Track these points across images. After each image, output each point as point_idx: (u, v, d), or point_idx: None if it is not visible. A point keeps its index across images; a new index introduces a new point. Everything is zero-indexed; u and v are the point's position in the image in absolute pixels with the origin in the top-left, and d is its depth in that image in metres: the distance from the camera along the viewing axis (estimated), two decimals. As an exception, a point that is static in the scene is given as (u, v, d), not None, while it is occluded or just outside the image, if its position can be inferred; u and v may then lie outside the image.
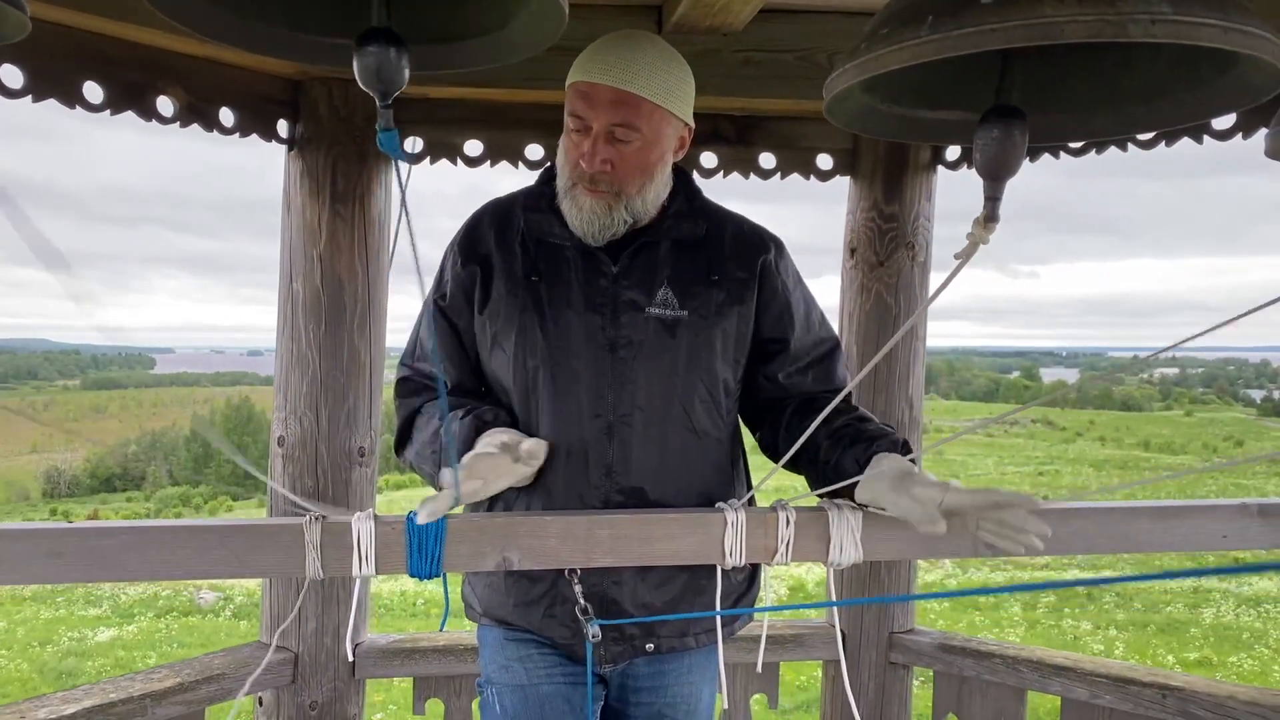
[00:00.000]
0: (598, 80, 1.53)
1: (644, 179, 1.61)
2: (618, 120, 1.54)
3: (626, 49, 1.55)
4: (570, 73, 1.59)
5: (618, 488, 1.63)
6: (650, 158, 1.59)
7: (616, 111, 1.54)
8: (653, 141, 1.58)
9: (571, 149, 1.60)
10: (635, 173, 1.59)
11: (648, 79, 1.54)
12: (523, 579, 1.70)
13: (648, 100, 1.54)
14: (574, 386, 1.63)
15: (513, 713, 1.71)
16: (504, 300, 1.66)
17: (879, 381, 2.46)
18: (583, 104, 1.55)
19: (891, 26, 0.81)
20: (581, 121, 1.56)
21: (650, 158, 1.59)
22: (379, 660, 2.38)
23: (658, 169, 1.62)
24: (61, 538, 1.40)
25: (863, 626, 2.47)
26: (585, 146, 1.57)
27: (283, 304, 2.37)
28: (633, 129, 1.55)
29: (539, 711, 1.70)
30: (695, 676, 1.81)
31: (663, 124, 1.59)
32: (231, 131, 2.23)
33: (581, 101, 1.55)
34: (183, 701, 2.09)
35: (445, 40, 1.05)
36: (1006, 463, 60.84)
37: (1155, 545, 1.75)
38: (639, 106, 1.54)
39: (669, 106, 1.58)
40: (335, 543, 1.41)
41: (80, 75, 1.95)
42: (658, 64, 1.56)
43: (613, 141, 1.56)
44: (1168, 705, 2.05)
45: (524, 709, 1.71)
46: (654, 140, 1.59)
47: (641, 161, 1.59)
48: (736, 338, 1.71)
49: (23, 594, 20.16)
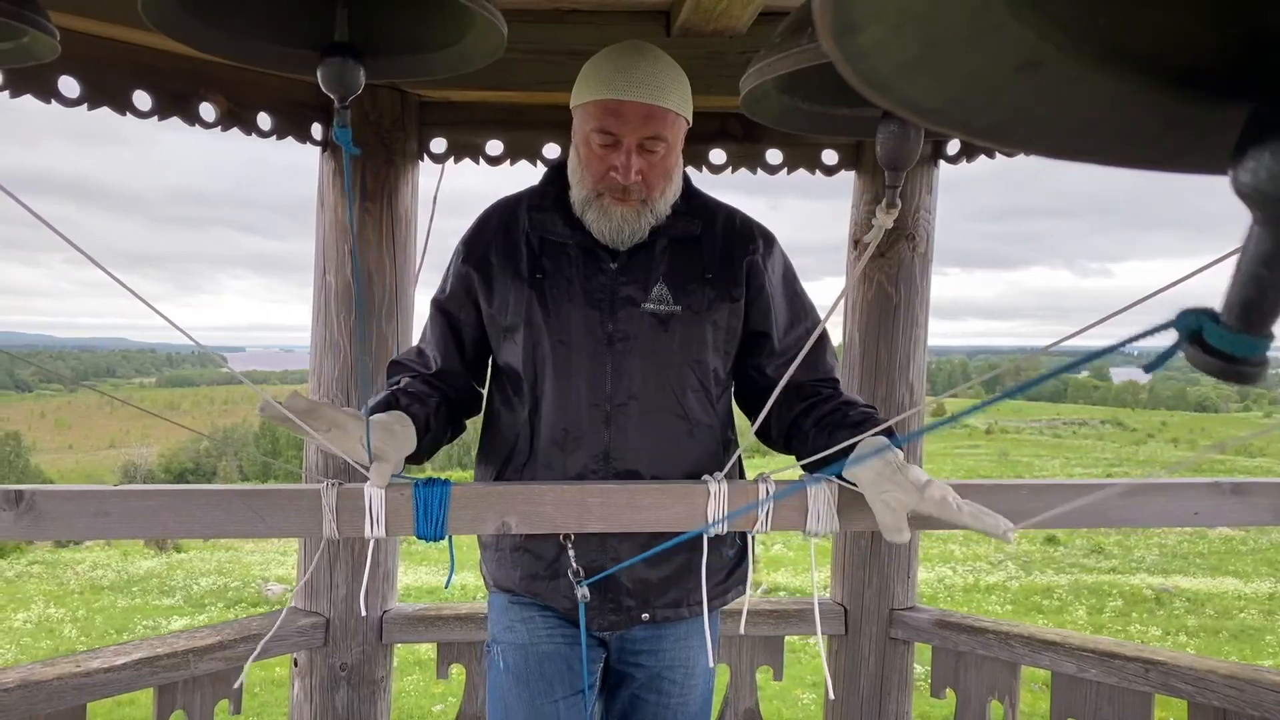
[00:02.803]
0: (628, 97, 1.64)
1: (666, 183, 1.74)
2: (649, 134, 1.66)
3: (645, 64, 1.66)
4: (586, 89, 1.69)
5: (614, 471, 1.76)
6: (671, 163, 1.73)
7: (648, 125, 1.66)
8: (674, 147, 1.72)
9: (596, 162, 1.70)
10: (661, 179, 1.73)
11: (669, 91, 1.67)
12: (528, 554, 1.84)
13: (672, 111, 1.67)
14: (575, 377, 1.76)
15: (514, 669, 1.86)
16: (511, 295, 1.79)
17: (880, 369, 2.56)
18: (614, 120, 1.66)
19: (785, 34, 0.92)
20: (611, 137, 1.67)
21: (671, 163, 1.73)
22: (405, 626, 2.55)
23: (675, 172, 1.76)
24: (107, 499, 1.58)
25: (864, 603, 2.57)
26: (617, 159, 1.67)
27: (317, 294, 2.56)
28: (660, 139, 1.68)
29: (538, 668, 1.84)
30: (693, 643, 1.92)
31: (681, 130, 1.73)
32: (269, 135, 2.42)
33: (612, 118, 1.66)
34: (222, 658, 2.27)
35: (407, 52, 1.20)
36: (1074, 464, 59.47)
37: (1128, 521, 1.84)
38: (665, 118, 1.67)
39: (684, 114, 1.72)
40: (349, 506, 1.55)
41: (130, 85, 2.15)
42: (672, 75, 1.69)
43: (642, 153, 1.68)
44: (1150, 679, 2.12)
45: (524, 665, 1.85)
46: (675, 146, 1.73)
47: (665, 168, 1.72)
48: (727, 331, 1.82)
49: (101, 584, 20.96)
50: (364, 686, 2.52)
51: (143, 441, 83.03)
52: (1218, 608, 21.75)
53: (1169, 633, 19.57)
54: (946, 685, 2.49)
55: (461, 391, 1.85)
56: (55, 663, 2.11)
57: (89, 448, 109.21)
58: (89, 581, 21.27)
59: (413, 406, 1.67)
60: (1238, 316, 0.44)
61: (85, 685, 2.07)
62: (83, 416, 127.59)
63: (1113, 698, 2.20)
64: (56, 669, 2.07)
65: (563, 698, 1.83)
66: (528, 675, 1.84)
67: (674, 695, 1.91)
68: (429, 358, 1.84)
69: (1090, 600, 22.44)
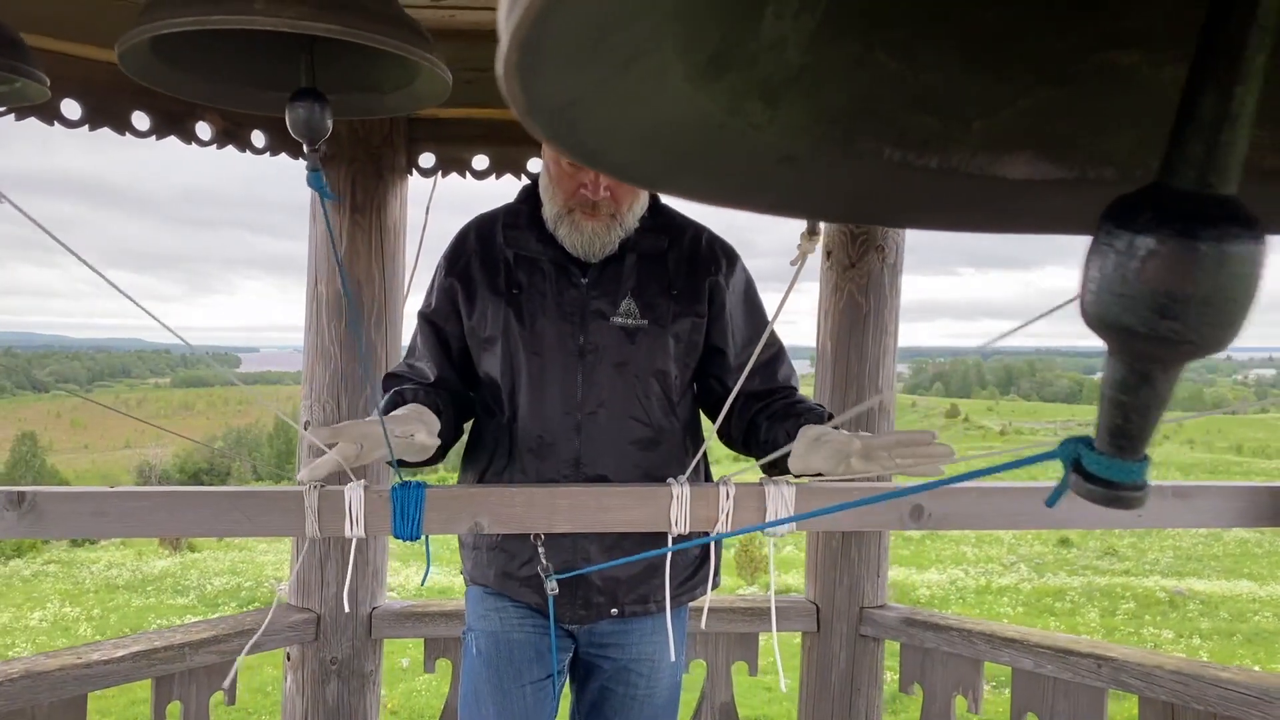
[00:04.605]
0: None
1: (634, 197, 1.84)
2: None
3: None
4: None
5: (584, 476, 1.87)
6: None
7: None
8: None
9: (566, 179, 1.81)
10: (629, 194, 1.83)
11: None
12: (503, 553, 1.95)
13: None
14: (548, 386, 1.87)
15: (486, 655, 1.97)
16: (489, 309, 1.89)
17: (851, 374, 2.65)
18: None
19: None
20: None
21: None
22: (394, 622, 2.66)
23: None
24: (105, 499, 1.69)
25: (835, 601, 2.66)
26: (585, 177, 1.78)
27: (309, 303, 2.66)
28: None
29: (508, 655, 1.95)
30: (658, 637, 2.02)
31: None
32: (263, 151, 2.53)
33: None
34: (217, 651, 2.38)
35: (364, 92, 1.30)
36: (1087, 466, 59.07)
37: (1071, 522, 1.93)
38: None
39: None
40: (330, 507, 1.66)
41: (129, 106, 2.26)
42: None
43: None
44: (1102, 674, 2.21)
45: (495, 652, 1.96)
46: None
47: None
48: (688, 343, 1.93)
49: (116, 583, 21.18)
50: (354, 680, 2.63)
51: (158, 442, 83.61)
52: (1232, 611, 21.63)
53: (1182, 635, 19.49)
54: (914, 681, 2.58)
55: (458, 399, 1.96)
56: (57, 654, 2.22)
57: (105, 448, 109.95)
58: (104, 581, 21.50)
59: (422, 398, 1.80)
60: (1108, 443, 0.43)
61: (86, 676, 2.19)
62: (99, 417, 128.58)
63: (1069, 693, 2.29)
64: (58, 660, 2.18)
65: (530, 683, 1.94)
66: (498, 661, 1.95)
67: (640, 687, 2.01)
68: (424, 370, 1.94)
69: (1103, 603, 22.38)
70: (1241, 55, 0.36)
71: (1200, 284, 0.36)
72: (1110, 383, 0.41)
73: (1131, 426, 0.42)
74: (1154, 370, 0.39)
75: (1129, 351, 0.39)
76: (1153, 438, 0.42)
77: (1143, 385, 0.40)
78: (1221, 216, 0.36)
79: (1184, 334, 0.36)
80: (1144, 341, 0.37)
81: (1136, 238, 0.37)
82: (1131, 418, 0.41)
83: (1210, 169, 0.37)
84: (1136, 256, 0.36)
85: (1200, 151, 0.37)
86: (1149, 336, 0.37)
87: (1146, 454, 0.43)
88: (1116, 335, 0.38)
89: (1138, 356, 0.39)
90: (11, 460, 66.00)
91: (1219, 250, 0.36)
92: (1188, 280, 0.36)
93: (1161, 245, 0.36)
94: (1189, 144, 0.38)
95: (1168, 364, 0.39)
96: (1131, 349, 0.39)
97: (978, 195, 0.57)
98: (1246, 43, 0.36)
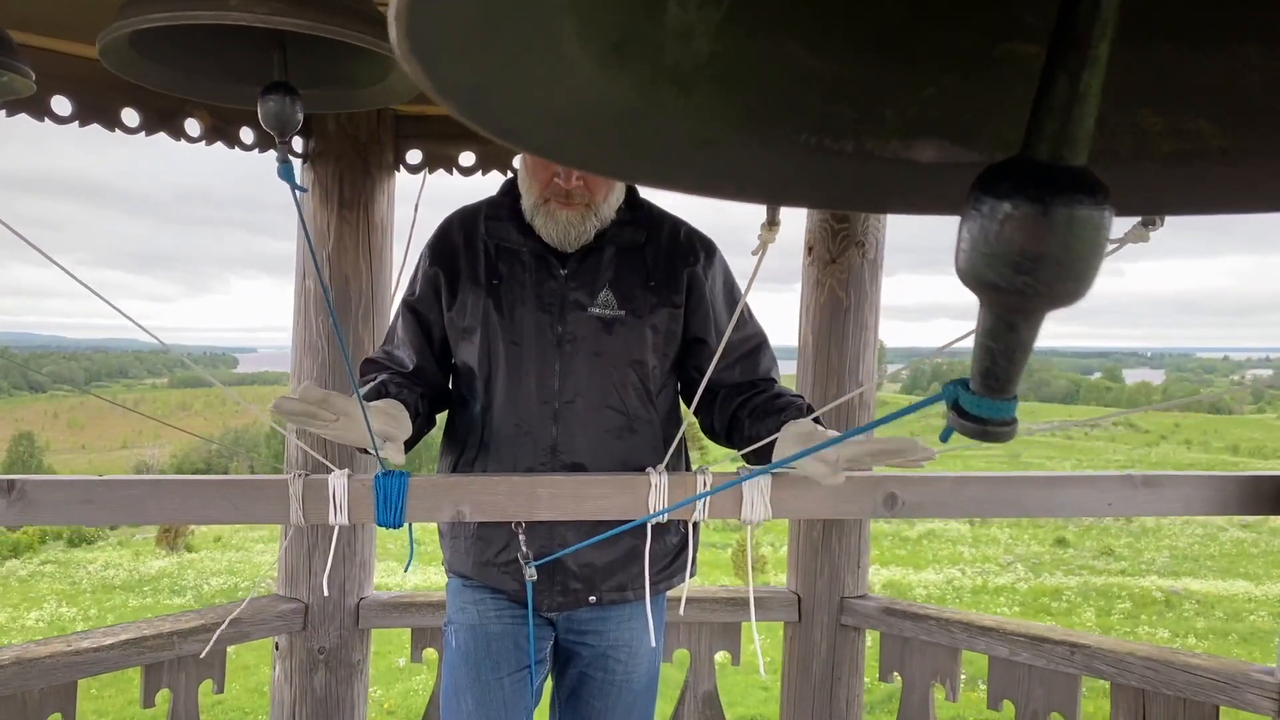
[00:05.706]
0: None
1: (608, 188, 1.88)
2: None
3: None
4: None
5: (561, 464, 1.90)
6: None
7: None
8: None
9: (540, 170, 1.84)
10: (603, 184, 1.86)
11: None
12: (480, 542, 1.98)
13: None
14: (525, 376, 1.90)
15: (464, 648, 2.00)
16: (470, 299, 1.93)
17: (831, 368, 2.69)
18: None
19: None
20: None
21: None
22: (381, 612, 2.69)
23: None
24: (93, 488, 1.73)
25: (816, 592, 2.70)
26: (557, 167, 1.81)
27: (297, 298, 2.70)
28: None
29: (486, 647, 1.98)
30: (636, 624, 2.06)
31: None
32: (251, 148, 2.57)
33: None
34: (206, 640, 2.42)
35: (339, 87, 1.34)
36: (1085, 466, 59.20)
37: (1043, 511, 1.97)
38: None
39: None
40: (315, 495, 1.70)
41: (119, 103, 2.30)
42: None
43: None
44: (1075, 661, 2.25)
45: (473, 644, 1.99)
46: None
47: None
48: (666, 334, 1.96)
49: (113, 583, 21.20)
50: (341, 669, 2.66)
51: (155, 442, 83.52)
52: (1228, 610, 21.70)
53: (1177, 635, 19.56)
54: (893, 669, 2.62)
55: (435, 388, 1.99)
56: (48, 642, 2.26)
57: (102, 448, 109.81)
58: (101, 581, 21.52)
59: (402, 393, 1.82)
60: (981, 384, 0.48)
61: (76, 663, 2.22)
62: (96, 417, 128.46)
63: (1044, 679, 2.33)
64: (49, 648, 2.22)
65: (508, 675, 1.97)
66: (476, 654, 1.98)
67: (618, 673, 2.05)
68: (402, 357, 1.98)
69: (1099, 602, 22.45)
70: (1088, 44, 0.40)
71: (1051, 244, 0.40)
72: (982, 331, 0.46)
73: (1000, 369, 0.46)
74: (1017, 320, 0.44)
75: (995, 303, 0.43)
76: (1019, 380, 0.48)
77: (1008, 333, 0.44)
78: (1070, 185, 0.41)
79: (1037, 288, 0.41)
80: (1006, 294, 0.42)
81: (999, 203, 0.41)
82: (1000, 361, 0.46)
83: (1063, 143, 0.42)
84: (998, 219, 0.41)
85: (1054, 128, 0.42)
86: (1009, 290, 0.41)
87: (1015, 394, 0.48)
88: (984, 289, 0.42)
89: (1002, 308, 0.44)
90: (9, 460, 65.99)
91: (1068, 214, 0.40)
92: (1040, 240, 0.40)
93: (1017, 210, 0.40)
94: (1044, 121, 0.42)
95: (1028, 314, 0.43)
96: (997, 301, 0.43)
97: (893, 179, 0.61)
98: (1092, 33, 0.40)
